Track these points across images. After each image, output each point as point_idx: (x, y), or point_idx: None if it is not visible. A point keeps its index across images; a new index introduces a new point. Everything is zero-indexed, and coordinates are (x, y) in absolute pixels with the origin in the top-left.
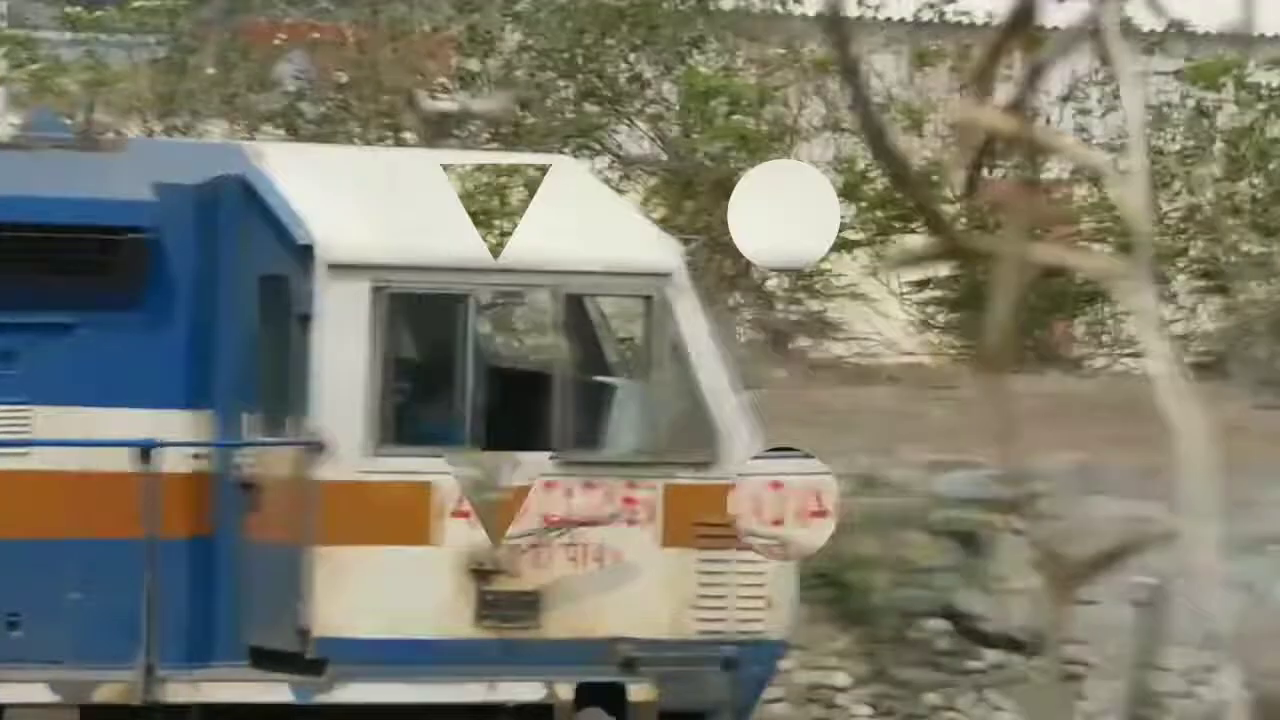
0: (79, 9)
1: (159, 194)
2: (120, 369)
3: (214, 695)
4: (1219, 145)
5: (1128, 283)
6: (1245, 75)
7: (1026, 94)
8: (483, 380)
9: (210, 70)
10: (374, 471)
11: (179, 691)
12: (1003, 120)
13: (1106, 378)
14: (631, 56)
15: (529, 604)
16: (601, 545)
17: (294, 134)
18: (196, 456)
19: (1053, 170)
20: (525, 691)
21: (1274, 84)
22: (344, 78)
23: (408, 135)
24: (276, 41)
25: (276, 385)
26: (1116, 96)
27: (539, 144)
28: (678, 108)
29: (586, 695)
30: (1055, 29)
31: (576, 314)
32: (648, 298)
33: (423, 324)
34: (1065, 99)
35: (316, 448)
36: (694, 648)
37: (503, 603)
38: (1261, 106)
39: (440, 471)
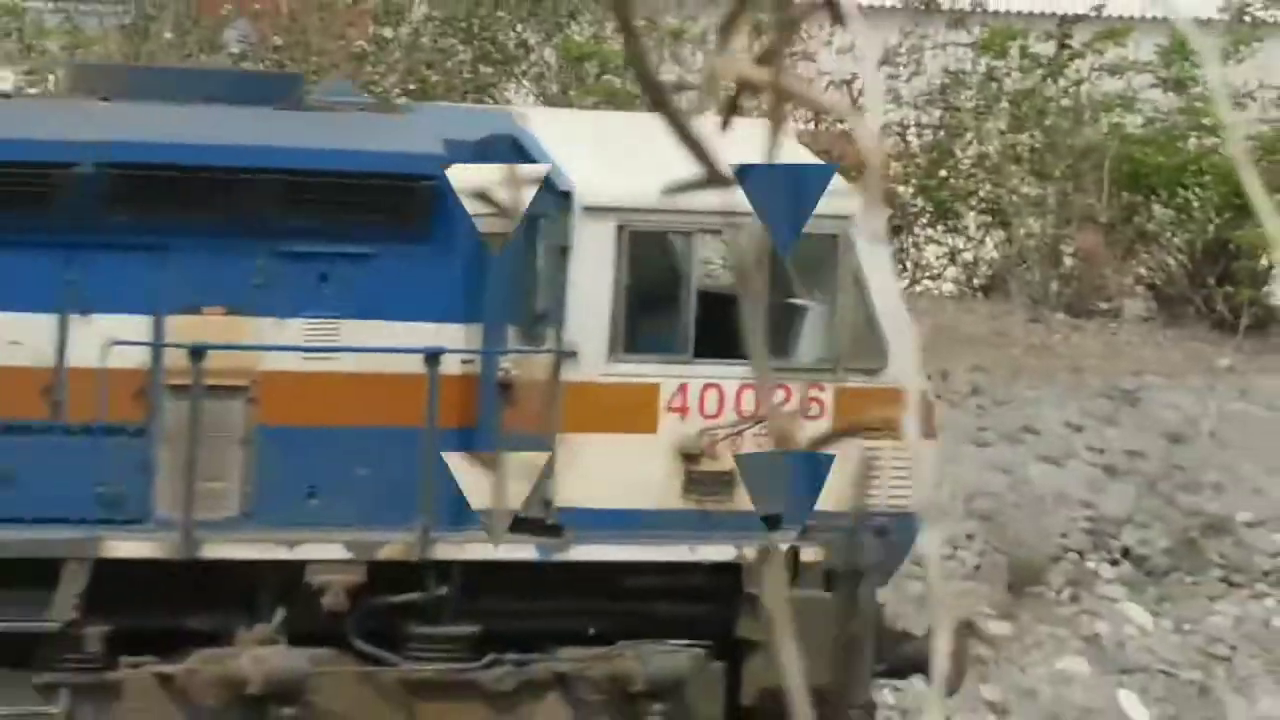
0: None
1: (445, 149)
2: (410, 290)
3: (474, 553)
4: (1005, 104)
5: (863, 206)
6: (1028, 46)
7: (777, 48)
8: (699, 301)
9: (168, 35)
10: (610, 374)
11: (447, 550)
12: (754, 70)
13: (904, 297)
14: (519, 26)
15: (725, 482)
16: None
17: None
18: (465, 362)
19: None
20: (719, 553)
21: (1050, 53)
22: (279, 42)
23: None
24: (223, 11)
25: (535, 304)
26: (920, 63)
27: (442, 99)
28: (557, 69)
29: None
30: None
31: (774, 248)
32: (834, 235)
33: (654, 255)
34: (882, 63)
35: (566, 355)
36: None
37: (704, 481)
38: (1040, 72)
39: (663, 375)
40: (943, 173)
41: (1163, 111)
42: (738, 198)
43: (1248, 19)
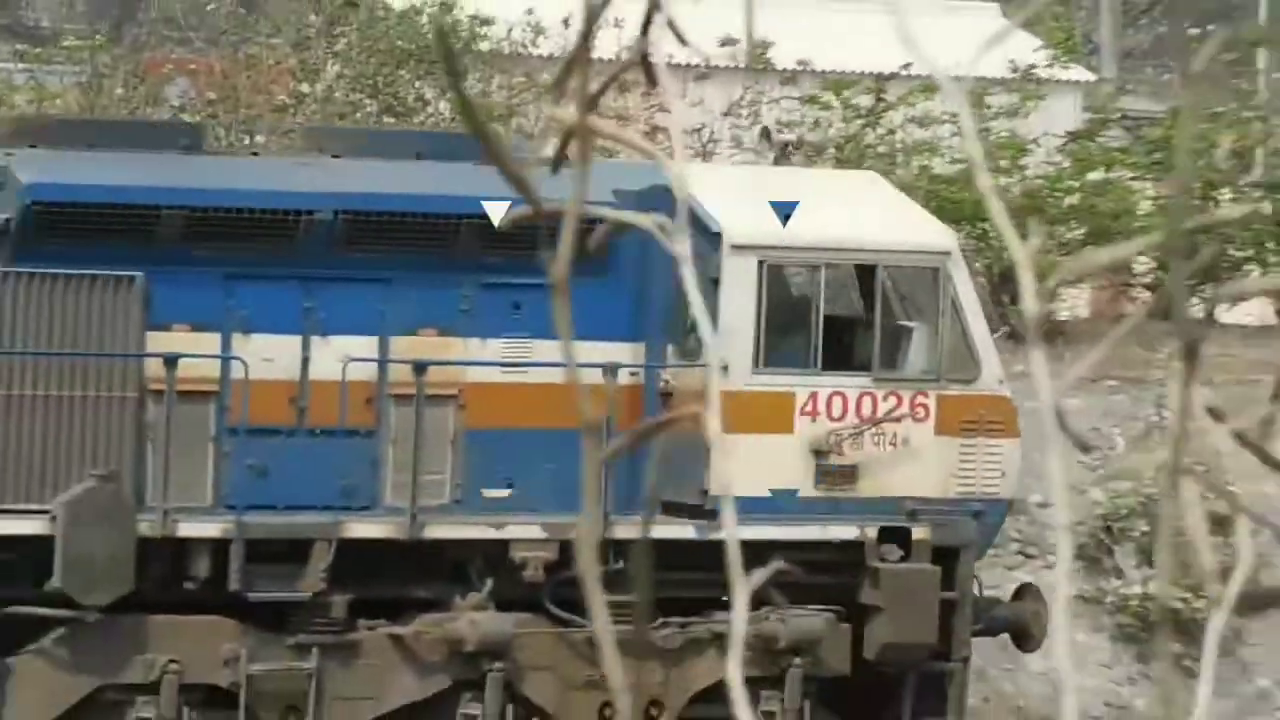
0: (26, 46)
1: (615, 197)
2: (588, 314)
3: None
4: (830, 149)
5: (672, 234)
6: (850, 99)
7: (594, 98)
8: (825, 323)
9: (119, 90)
10: (753, 384)
11: (624, 530)
12: (571, 117)
13: None
14: (417, 83)
15: (849, 474)
16: (896, 434)
17: None
18: (633, 374)
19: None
20: (845, 532)
21: (868, 106)
22: (213, 96)
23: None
24: (165, 70)
25: (690, 327)
26: (758, 114)
27: None
28: (450, 120)
29: (885, 535)
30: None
31: (886, 279)
32: (935, 269)
33: (788, 285)
34: (725, 114)
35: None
36: (954, 504)
37: (832, 473)
38: (860, 121)
39: (797, 385)
40: None
41: (963, 155)
42: (856, 237)
43: (1033, 80)
